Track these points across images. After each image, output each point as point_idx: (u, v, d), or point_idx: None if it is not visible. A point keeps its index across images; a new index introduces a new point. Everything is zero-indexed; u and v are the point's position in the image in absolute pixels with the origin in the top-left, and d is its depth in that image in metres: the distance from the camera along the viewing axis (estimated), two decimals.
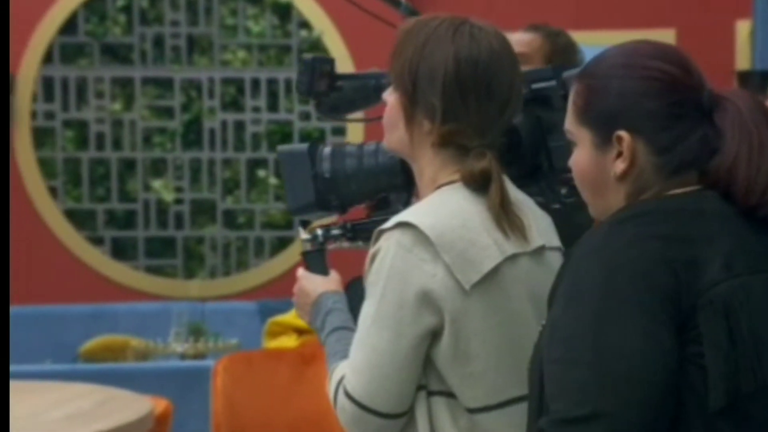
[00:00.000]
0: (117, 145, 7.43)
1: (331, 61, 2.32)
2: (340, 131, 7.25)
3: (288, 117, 7.39)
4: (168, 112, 7.41)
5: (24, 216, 7.33)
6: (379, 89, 2.27)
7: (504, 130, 2.03)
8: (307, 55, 2.33)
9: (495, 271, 1.94)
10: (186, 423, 5.10)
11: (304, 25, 7.40)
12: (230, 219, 7.37)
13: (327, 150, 2.24)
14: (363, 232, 2.23)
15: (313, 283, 2.18)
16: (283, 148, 2.26)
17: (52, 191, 7.40)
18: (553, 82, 2.24)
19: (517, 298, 1.97)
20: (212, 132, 7.43)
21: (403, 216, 1.97)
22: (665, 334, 1.64)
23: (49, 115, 7.43)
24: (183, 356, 6.37)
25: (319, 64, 2.30)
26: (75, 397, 3.98)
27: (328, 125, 7.03)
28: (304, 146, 2.24)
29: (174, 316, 6.65)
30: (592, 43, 4.19)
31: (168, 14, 7.46)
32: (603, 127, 1.77)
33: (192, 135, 7.42)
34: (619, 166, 1.77)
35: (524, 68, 3.60)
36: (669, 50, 1.80)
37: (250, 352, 5.07)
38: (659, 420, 1.62)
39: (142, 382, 4.88)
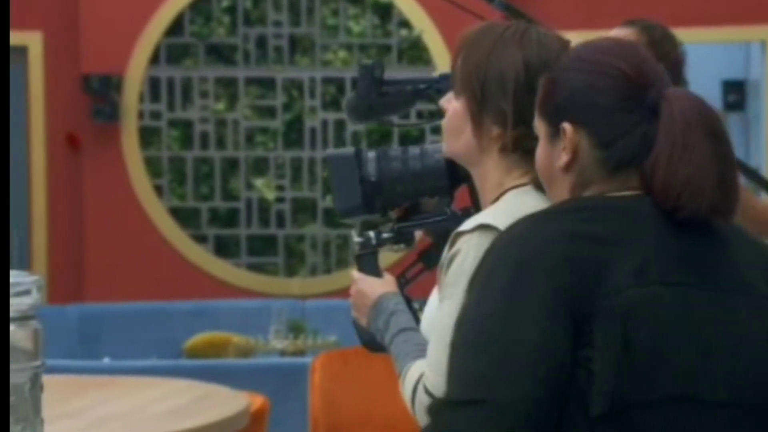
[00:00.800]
0: (220, 144, 7.54)
1: (382, 66, 2.35)
2: (438, 131, 7.26)
3: None
4: (270, 112, 7.49)
5: (130, 214, 7.47)
6: (417, 94, 2.30)
7: None
8: (365, 62, 2.35)
9: None
10: (284, 420, 5.16)
11: (405, 24, 7.43)
12: (330, 217, 7.42)
13: (372, 154, 2.26)
14: (404, 235, 2.25)
15: (371, 286, 2.20)
16: (331, 152, 2.29)
17: (158, 189, 7.53)
18: None
19: None
20: (313, 131, 7.50)
21: (482, 218, 1.98)
22: (561, 334, 1.63)
23: (155, 115, 7.56)
24: (283, 353, 6.44)
25: (375, 70, 2.33)
26: (174, 393, 4.05)
27: (427, 125, 7.04)
28: (352, 150, 2.27)
29: (274, 313, 6.72)
30: (690, 40, 4.15)
31: (271, 15, 7.54)
32: (553, 118, 1.79)
33: (293, 134, 7.50)
34: (563, 157, 1.78)
35: None
36: (627, 48, 1.80)
37: (347, 349, 5.11)
38: (545, 418, 1.62)
39: (242, 378, 4.95)
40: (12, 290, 1.73)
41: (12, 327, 1.72)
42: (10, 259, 1.72)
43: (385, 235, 2.27)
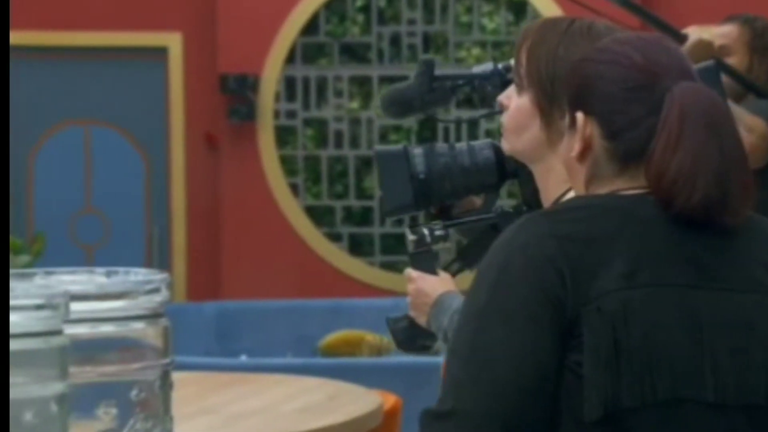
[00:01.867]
0: (354, 142, 7.57)
1: (433, 62, 2.33)
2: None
3: None
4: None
5: (267, 212, 7.55)
6: (455, 90, 2.26)
7: None
8: (427, 57, 2.32)
9: None
10: (416, 419, 5.15)
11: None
12: None
13: (419, 150, 2.23)
14: (445, 236, 2.22)
15: (430, 284, 2.18)
16: (380, 148, 2.27)
17: (293, 188, 7.60)
18: None
19: None
20: (447, 129, 7.48)
21: None
22: (545, 339, 1.57)
23: (291, 114, 7.63)
24: None
25: (434, 65, 2.31)
26: (306, 390, 4.08)
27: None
28: (401, 147, 2.25)
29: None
30: None
31: (405, 13, 7.55)
32: (571, 108, 1.75)
33: (427, 132, 7.49)
34: (575, 147, 1.74)
35: (728, 60, 3.51)
36: (648, 40, 1.74)
37: None
38: (528, 427, 1.56)
39: (374, 377, 4.96)
40: (142, 288, 1.75)
41: (141, 324, 1.74)
42: (150, 256, 1.73)
43: (438, 233, 2.24)
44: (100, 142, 7.78)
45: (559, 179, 2.02)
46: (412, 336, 2.29)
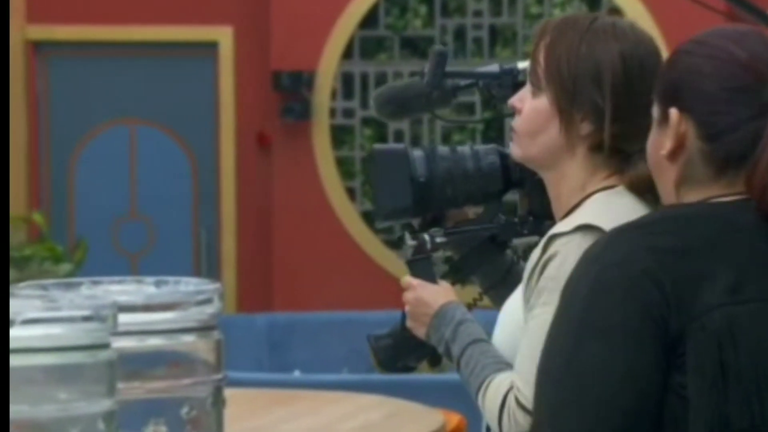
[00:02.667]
0: (416, 143, 7.57)
1: (446, 55, 2.31)
2: None
3: None
4: (468, 108, 7.49)
5: (322, 218, 7.57)
6: (456, 91, 2.25)
7: None
8: (440, 47, 2.30)
9: None
10: None
11: (615, 11, 7.32)
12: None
13: (419, 152, 2.21)
14: (447, 243, 2.21)
15: (432, 293, 2.16)
16: (379, 147, 2.24)
17: (350, 192, 7.61)
18: None
19: None
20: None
21: (580, 219, 1.96)
22: (647, 357, 1.56)
23: (348, 113, 7.64)
24: None
25: (446, 59, 2.29)
26: (364, 408, 4.08)
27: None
28: (402, 146, 2.23)
29: None
30: None
31: (470, 4, 7.54)
32: (663, 102, 1.72)
33: (492, 132, 7.47)
34: (666, 145, 1.71)
35: None
36: (752, 35, 1.70)
37: None
38: None
39: (435, 394, 4.95)
40: (193, 299, 1.76)
41: (192, 338, 1.75)
42: (198, 264, 1.74)
43: (439, 239, 2.23)
44: (146, 143, 7.84)
45: (573, 187, 2.02)
46: (394, 356, 2.28)
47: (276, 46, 7.56)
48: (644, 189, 1.97)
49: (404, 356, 2.27)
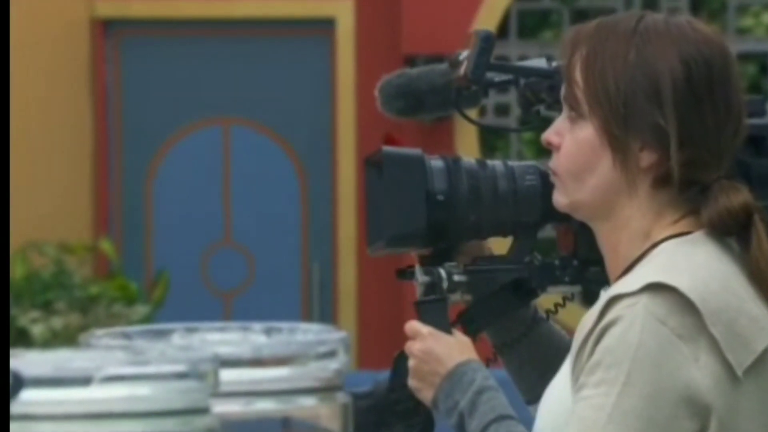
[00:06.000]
0: None
1: (494, 40, 2.30)
2: None
3: None
4: (503, 111, 7.50)
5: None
6: (489, 86, 2.24)
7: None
8: (486, 30, 2.27)
9: (767, 352, 1.92)
10: None
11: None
12: None
13: (439, 163, 2.18)
14: (466, 283, 2.19)
15: (446, 347, 2.13)
16: (389, 150, 2.21)
17: None
18: None
19: None
20: None
21: (650, 275, 1.94)
22: None
23: (502, 110, 7.68)
24: None
25: (493, 44, 2.28)
26: None
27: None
28: (418, 152, 2.21)
29: None
30: None
31: None
32: None
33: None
34: None
35: None
36: None
37: None
38: None
39: None
40: (313, 351, 1.81)
41: (313, 401, 1.80)
42: (308, 306, 1.77)
43: (457, 278, 2.21)
44: (243, 149, 7.93)
45: (635, 234, 1.99)
46: (376, 421, 2.28)
47: (409, 24, 7.61)
48: (731, 229, 1.98)
49: (388, 424, 2.28)
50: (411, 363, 2.21)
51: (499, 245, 2.24)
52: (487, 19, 7.62)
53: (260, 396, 1.77)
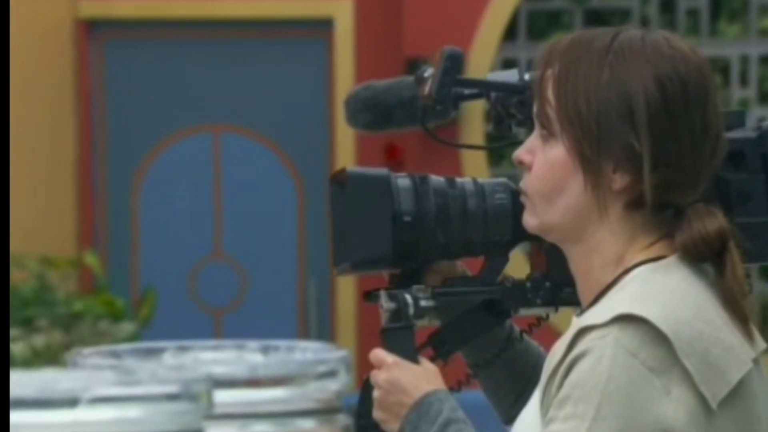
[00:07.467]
0: None
1: (462, 58, 2.33)
2: None
3: None
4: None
5: (472, 262, 7.59)
6: (458, 100, 2.26)
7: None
8: (454, 48, 2.30)
9: (742, 383, 1.96)
10: None
11: None
12: None
13: (406, 182, 2.21)
14: (433, 308, 2.21)
15: (412, 376, 2.16)
16: (354, 170, 2.24)
17: None
18: (751, 134, 2.19)
19: (764, 419, 1.99)
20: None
21: (618, 305, 1.96)
22: None
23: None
24: None
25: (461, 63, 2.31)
26: None
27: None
28: (385, 172, 2.24)
29: None
30: None
31: None
32: None
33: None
34: None
35: None
36: None
37: None
38: None
39: None
40: (312, 371, 1.82)
41: (311, 423, 1.81)
42: (305, 324, 1.78)
43: (424, 303, 2.23)
44: (235, 157, 7.95)
45: (607, 260, 2.02)
46: None
47: (412, 25, 7.62)
48: (704, 254, 2.00)
49: None
50: (376, 394, 2.24)
51: (474, 261, 2.26)
52: (494, 19, 7.63)
53: (256, 418, 1.79)
